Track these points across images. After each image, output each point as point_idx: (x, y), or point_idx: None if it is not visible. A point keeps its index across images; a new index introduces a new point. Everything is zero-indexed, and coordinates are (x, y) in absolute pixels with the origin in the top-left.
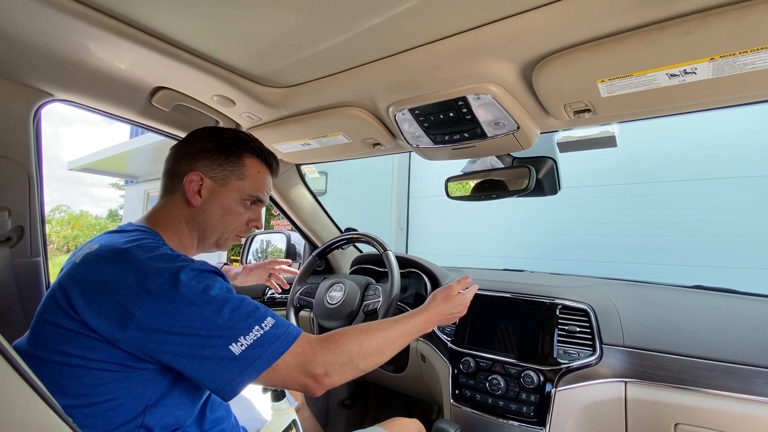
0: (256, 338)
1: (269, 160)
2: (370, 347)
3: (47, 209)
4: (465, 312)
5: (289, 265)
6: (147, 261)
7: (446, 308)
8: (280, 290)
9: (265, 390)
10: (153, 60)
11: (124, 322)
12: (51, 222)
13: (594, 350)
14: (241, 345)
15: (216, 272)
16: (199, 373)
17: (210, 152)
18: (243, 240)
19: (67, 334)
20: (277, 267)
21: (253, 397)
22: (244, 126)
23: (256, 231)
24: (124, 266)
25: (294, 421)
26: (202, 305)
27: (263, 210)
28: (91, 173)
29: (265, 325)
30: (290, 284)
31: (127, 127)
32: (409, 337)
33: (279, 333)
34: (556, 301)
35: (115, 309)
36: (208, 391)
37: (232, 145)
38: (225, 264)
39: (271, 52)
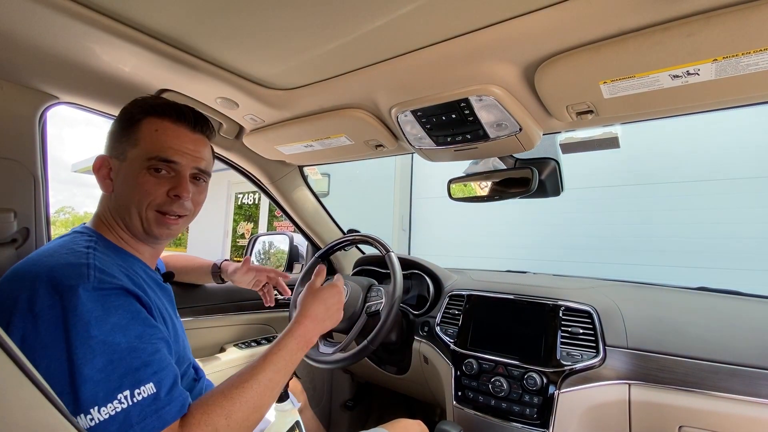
0: (113, 414)
1: (170, 113)
2: (241, 411)
3: (52, 211)
4: (342, 303)
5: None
6: (48, 273)
7: (317, 306)
8: (268, 301)
9: None
10: (157, 63)
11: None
12: (56, 223)
13: (597, 352)
14: (91, 419)
15: (125, 290)
16: None
17: (111, 131)
18: (178, 221)
19: None
20: (273, 276)
21: None
22: (248, 128)
23: (259, 233)
24: (24, 281)
25: (297, 423)
26: (75, 344)
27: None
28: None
29: (137, 395)
30: (291, 287)
31: None
32: (289, 363)
33: (145, 413)
34: (559, 302)
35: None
36: (202, 389)
37: (128, 115)
38: (226, 260)
39: (273, 55)
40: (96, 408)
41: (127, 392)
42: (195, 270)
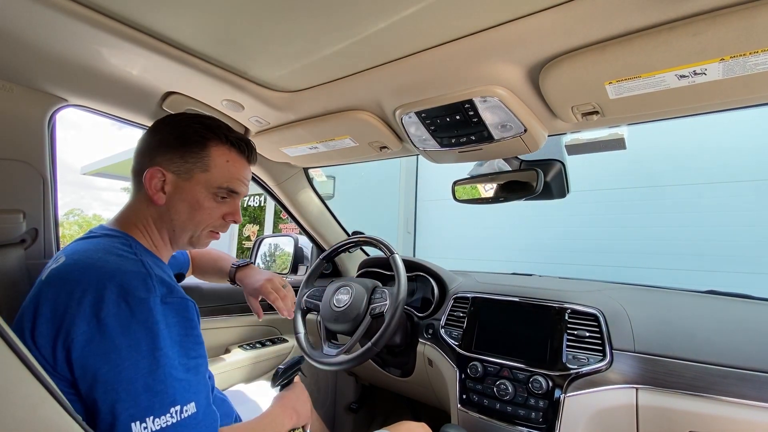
0: (165, 426)
1: (240, 146)
2: None
3: (62, 213)
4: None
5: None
6: (114, 279)
7: (289, 397)
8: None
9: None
10: (164, 65)
11: (64, 344)
12: (64, 225)
13: (604, 356)
14: (145, 427)
15: (185, 300)
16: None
17: (169, 144)
18: (219, 235)
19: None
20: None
21: (260, 399)
22: (253, 130)
23: (265, 234)
24: (86, 284)
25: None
26: (142, 354)
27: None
28: (104, 177)
29: (185, 411)
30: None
31: (137, 132)
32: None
33: (190, 429)
34: (566, 305)
35: (61, 328)
36: (212, 387)
37: (194, 133)
38: (243, 267)
39: (279, 57)
40: (152, 418)
41: (178, 407)
42: (217, 272)
